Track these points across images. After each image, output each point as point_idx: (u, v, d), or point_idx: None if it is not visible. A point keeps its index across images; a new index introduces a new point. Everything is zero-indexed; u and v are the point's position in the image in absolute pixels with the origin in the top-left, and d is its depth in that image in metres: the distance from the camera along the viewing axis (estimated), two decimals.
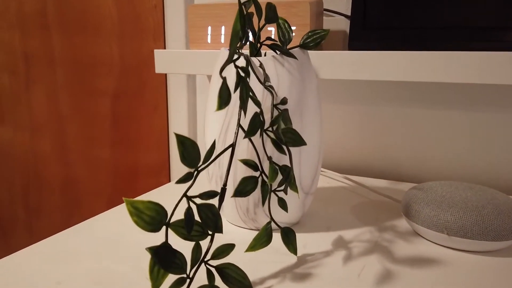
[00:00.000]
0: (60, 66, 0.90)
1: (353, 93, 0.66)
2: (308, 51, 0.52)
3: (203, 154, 0.79)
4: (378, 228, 0.45)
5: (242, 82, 0.32)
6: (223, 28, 0.57)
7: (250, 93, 0.36)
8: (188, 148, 0.30)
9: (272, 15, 0.36)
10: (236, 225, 0.45)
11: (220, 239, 0.42)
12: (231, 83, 0.39)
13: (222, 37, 0.58)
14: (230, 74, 0.40)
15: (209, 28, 0.58)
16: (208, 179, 0.45)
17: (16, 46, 0.93)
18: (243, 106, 0.32)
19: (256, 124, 0.33)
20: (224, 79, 0.29)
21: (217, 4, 0.56)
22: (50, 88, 0.92)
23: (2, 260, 0.37)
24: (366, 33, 0.52)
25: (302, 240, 0.42)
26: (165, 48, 0.79)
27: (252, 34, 0.39)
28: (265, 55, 0.43)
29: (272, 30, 0.55)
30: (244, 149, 0.40)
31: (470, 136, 0.61)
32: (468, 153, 0.62)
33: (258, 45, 0.41)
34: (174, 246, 0.30)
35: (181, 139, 0.29)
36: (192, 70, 0.60)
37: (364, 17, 0.52)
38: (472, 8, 0.50)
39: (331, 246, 0.41)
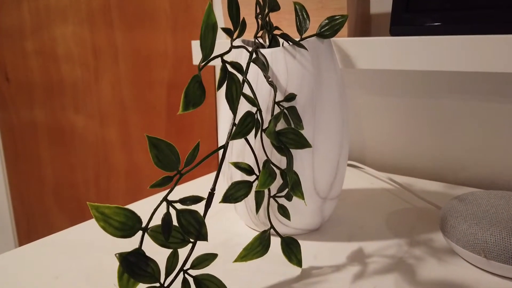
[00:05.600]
0: (122, 59, 0.94)
1: (408, 84, 0.59)
2: (344, 39, 0.47)
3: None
4: (410, 241, 0.39)
5: (230, 79, 0.29)
6: None
7: (248, 90, 0.33)
8: (164, 151, 0.28)
9: (274, 3, 0.32)
10: (252, 228, 0.42)
11: (231, 242, 0.40)
12: (251, 78, 0.36)
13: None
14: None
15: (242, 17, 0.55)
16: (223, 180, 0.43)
17: (87, 40, 1.00)
18: (231, 107, 0.30)
19: (247, 125, 0.30)
20: (196, 77, 0.26)
21: None
22: (115, 80, 0.97)
23: (11, 251, 0.39)
24: (410, 16, 0.45)
25: (315, 249, 0.38)
26: None
27: (262, 23, 0.36)
28: (282, 45, 0.39)
29: None
30: (248, 150, 0.37)
31: None
32: None
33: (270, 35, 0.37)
34: (157, 252, 0.28)
35: (153, 142, 0.27)
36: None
37: None
38: None
39: (346, 259, 0.36)
